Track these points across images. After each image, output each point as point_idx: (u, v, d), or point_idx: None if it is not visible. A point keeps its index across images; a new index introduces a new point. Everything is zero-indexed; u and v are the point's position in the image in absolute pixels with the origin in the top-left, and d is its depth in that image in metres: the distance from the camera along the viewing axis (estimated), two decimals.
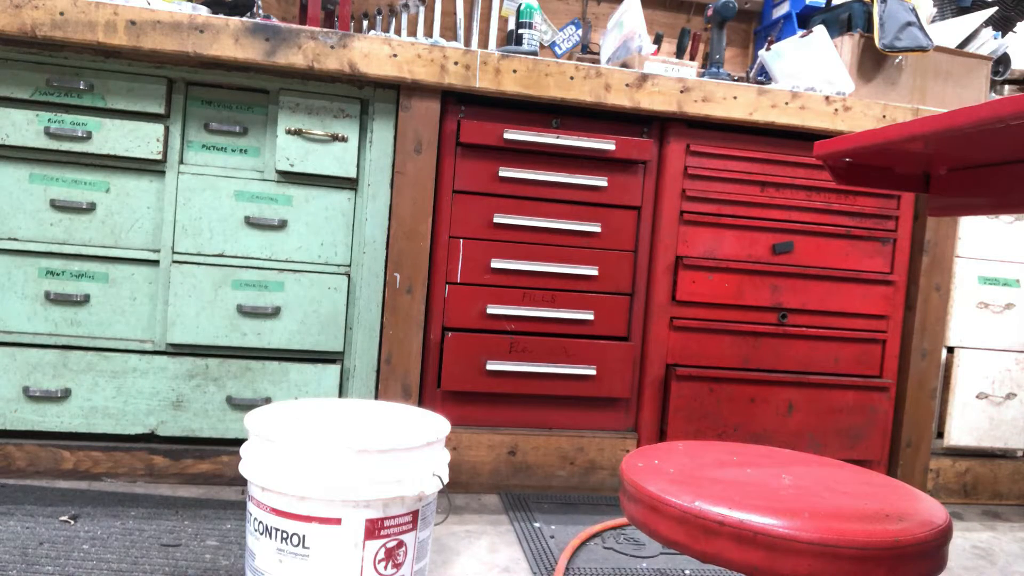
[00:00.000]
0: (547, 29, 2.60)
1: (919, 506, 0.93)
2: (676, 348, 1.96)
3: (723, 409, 1.96)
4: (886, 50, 2.11)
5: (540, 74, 1.79)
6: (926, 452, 2.09)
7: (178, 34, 1.65)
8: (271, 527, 1.16)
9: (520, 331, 1.89)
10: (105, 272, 1.75)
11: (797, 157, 1.98)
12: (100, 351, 1.75)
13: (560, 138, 1.86)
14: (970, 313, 2.10)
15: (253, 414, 1.28)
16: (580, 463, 1.95)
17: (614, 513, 1.81)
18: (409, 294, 1.83)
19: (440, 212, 1.85)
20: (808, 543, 0.82)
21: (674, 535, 0.89)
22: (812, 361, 2.02)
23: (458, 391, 1.88)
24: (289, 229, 1.81)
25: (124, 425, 1.76)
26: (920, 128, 0.89)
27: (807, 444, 2.00)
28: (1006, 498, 2.17)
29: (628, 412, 1.99)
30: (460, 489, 1.89)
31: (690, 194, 1.94)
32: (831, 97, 1.94)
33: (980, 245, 2.10)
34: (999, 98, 1.13)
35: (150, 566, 1.38)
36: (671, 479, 0.96)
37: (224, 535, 1.53)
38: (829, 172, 1.19)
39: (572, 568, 1.52)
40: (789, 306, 2.00)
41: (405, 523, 1.18)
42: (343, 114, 1.80)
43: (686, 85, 1.87)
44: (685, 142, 1.93)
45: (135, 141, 1.72)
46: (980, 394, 2.11)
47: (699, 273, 1.95)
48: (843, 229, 2.02)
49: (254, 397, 1.80)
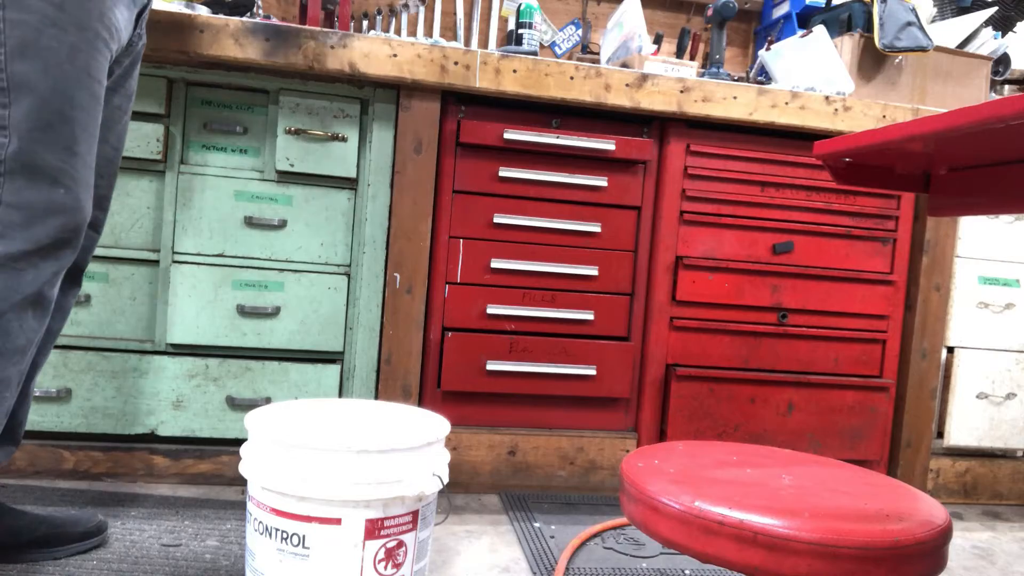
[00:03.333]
0: (547, 29, 2.60)
1: (919, 506, 0.93)
2: (676, 348, 1.96)
3: (723, 409, 1.96)
4: (886, 50, 2.11)
5: (540, 74, 1.79)
6: (926, 452, 2.09)
7: (178, 34, 1.65)
8: (271, 527, 1.16)
9: (520, 331, 1.89)
10: (105, 272, 1.75)
11: (797, 157, 1.98)
12: (100, 351, 1.75)
13: (560, 138, 1.86)
14: (970, 313, 2.10)
15: (253, 414, 1.28)
16: (580, 463, 1.95)
17: (614, 513, 1.81)
18: (409, 294, 1.83)
19: (440, 212, 1.85)
20: (808, 543, 0.82)
21: (674, 535, 0.89)
22: (812, 361, 2.02)
23: (458, 391, 1.88)
24: (289, 229, 1.81)
25: (124, 425, 1.76)
26: (920, 128, 0.89)
27: (807, 444, 2.00)
28: (1006, 498, 2.17)
29: (628, 412, 1.99)
30: (460, 489, 1.89)
31: (690, 194, 1.94)
32: (831, 97, 1.94)
33: (980, 245, 2.10)
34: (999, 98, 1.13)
35: (150, 566, 1.38)
36: (671, 479, 0.96)
37: (224, 535, 1.53)
38: (829, 172, 1.19)
39: (572, 568, 1.52)
40: (789, 306, 2.00)
41: (405, 523, 1.18)
42: (343, 114, 1.80)
43: (686, 85, 1.87)
44: (685, 142, 1.93)
45: (135, 141, 1.72)
46: (980, 394, 2.11)
47: (699, 273, 1.95)
48: (843, 229, 2.02)
49: (254, 397, 1.80)
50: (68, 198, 1.16)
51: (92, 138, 1.21)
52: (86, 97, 1.17)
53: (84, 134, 1.18)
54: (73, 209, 1.17)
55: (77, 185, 1.18)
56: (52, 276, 1.17)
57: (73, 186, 1.17)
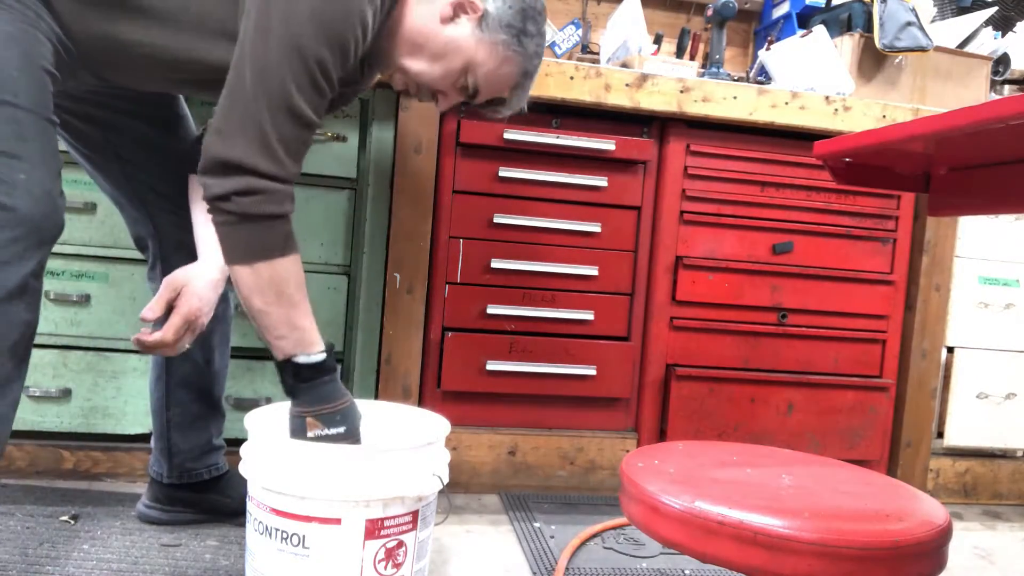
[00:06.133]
0: (547, 29, 2.60)
1: (919, 506, 0.93)
2: (676, 348, 1.96)
3: (723, 409, 1.96)
4: (886, 50, 2.10)
5: (540, 74, 1.78)
6: (926, 452, 2.09)
7: None
8: (271, 527, 1.16)
9: (520, 331, 1.89)
10: (105, 272, 1.75)
11: (797, 157, 1.98)
12: (100, 351, 1.75)
13: (560, 138, 1.86)
14: (970, 313, 2.10)
15: (253, 414, 1.28)
16: (580, 463, 1.94)
17: (614, 513, 1.81)
18: (409, 294, 1.83)
19: (440, 212, 1.85)
20: (808, 543, 0.82)
21: (674, 535, 0.89)
22: (812, 361, 2.02)
23: (458, 391, 1.88)
24: None
25: (124, 425, 1.76)
26: (920, 128, 0.89)
27: (807, 444, 2.00)
28: (1006, 498, 2.17)
29: (628, 412, 1.99)
30: (460, 489, 1.89)
31: (690, 194, 1.94)
32: (831, 97, 1.94)
33: (980, 245, 2.09)
34: (999, 98, 1.13)
35: (150, 566, 1.38)
36: (671, 479, 0.96)
37: (224, 535, 1.53)
38: (829, 172, 1.19)
39: (572, 568, 1.52)
40: (789, 306, 2.00)
41: (405, 523, 1.18)
42: (343, 114, 1.80)
43: (686, 85, 1.87)
44: (685, 142, 1.93)
45: None
46: (980, 394, 2.11)
47: (699, 273, 1.95)
48: (843, 229, 2.02)
49: (254, 397, 1.80)
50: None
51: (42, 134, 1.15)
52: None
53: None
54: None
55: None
56: (36, 266, 1.11)
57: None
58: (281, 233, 1.16)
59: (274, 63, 1.11)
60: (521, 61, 1.29)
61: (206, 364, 1.53)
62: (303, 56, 1.11)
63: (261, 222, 1.13)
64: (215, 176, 1.12)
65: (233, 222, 1.13)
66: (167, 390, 1.53)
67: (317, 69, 1.13)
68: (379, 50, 1.28)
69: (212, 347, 1.53)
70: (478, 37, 1.25)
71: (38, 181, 1.10)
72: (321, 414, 1.18)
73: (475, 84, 1.29)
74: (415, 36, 1.25)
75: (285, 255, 1.16)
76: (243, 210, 1.12)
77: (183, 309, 1.27)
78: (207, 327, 1.37)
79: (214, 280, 1.35)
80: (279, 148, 1.13)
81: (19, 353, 1.10)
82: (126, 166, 1.45)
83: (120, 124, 1.41)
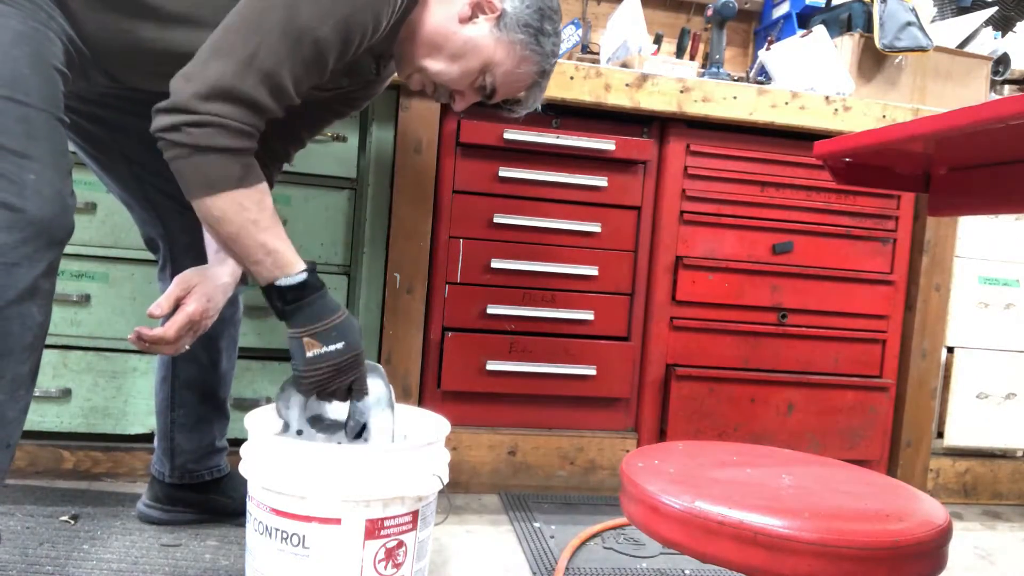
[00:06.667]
0: None
1: (919, 506, 0.93)
2: (676, 348, 1.96)
3: (723, 409, 1.96)
4: (886, 50, 2.11)
5: None
6: (926, 452, 2.09)
7: None
8: (271, 527, 1.16)
9: (520, 331, 1.89)
10: (105, 272, 1.75)
11: (797, 157, 1.98)
12: (100, 351, 1.75)
13: (560, 138, 1.86)
14: (970, 313, 2.10)
15: (253, 414, 1.28)
16: (580, 463, 1.94)
17: (614, 513, 1.81)
18: (409, 294, 1.83)
19: (440, 212, 1.85)
20: (808, 543, 0.82)
21: (674, 535, 0.89)
22: (812, 361, 2.02)
23: (458, 391, 1.88)
24: (289, 229, 1.79)
25: (124, 425, 1.76)
26: (920, 128, 0.89)
27: (807, 444, 2.00)
28: (1006, 498, 2.17)
29: (628, 412, 1.99)
30: (460, 489, 1.89)
31: (690, 194, 1.94)
32: (831, 97, 1.94)
33: (980, 245, 2.09)
34: (999, 98, 1.13)
35: (150, 566, 1.38)
36: (671, 479, 0.96)
37: (224, 535, 1.53)
38: (829, 172, 1.19)
39: (572, 568, 1.52)
40: (789, 306, 2.00)
41: (405, 523, 1.18)
42: None
43: (686, 85, 1.87)
44: (685, 142, 1.93)
45: None
46: (980, 394, 2.11)
47: (699, 273, 1.95)
48: (843, 229, 2.02)
49: (254, 397, 1.80)
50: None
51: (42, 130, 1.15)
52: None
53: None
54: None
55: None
56: (47, 267, 1.12)
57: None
58: (240, 164, 1.11)
59: (269, 28, 1.08)
60: (539, 60, 1.30)
61: (212, 366, 1.54)
62: (302, 31, 1.10)
63: (216, 153, 1.09)
64: (168, 114, 1.08)
65: (185, 155, 1.09)
66: (173, 391, 1.53)
67: (314, 48, 1.11)
68: (399, 51, 1.28)
69: (219, 349, 1.54)
70: (496, 37, 1.25)
71: (48, 181, 1.10)
72: (316, 332, 1.16)
73: (493, 84, 1.29)
74: (434, 36, 1.25)
75: (247, 186, 1.12)
76: (194, 141, 1.07)
77: (189, 308, 1.27)
78: (215, 329, 1.37)
79: (224, 284, 1.34)
80: (246, 101, 1.10)
81: (31, 355, 1.10)
82: (134, 167, 1.45)
83: (128, 125, 1.41)
